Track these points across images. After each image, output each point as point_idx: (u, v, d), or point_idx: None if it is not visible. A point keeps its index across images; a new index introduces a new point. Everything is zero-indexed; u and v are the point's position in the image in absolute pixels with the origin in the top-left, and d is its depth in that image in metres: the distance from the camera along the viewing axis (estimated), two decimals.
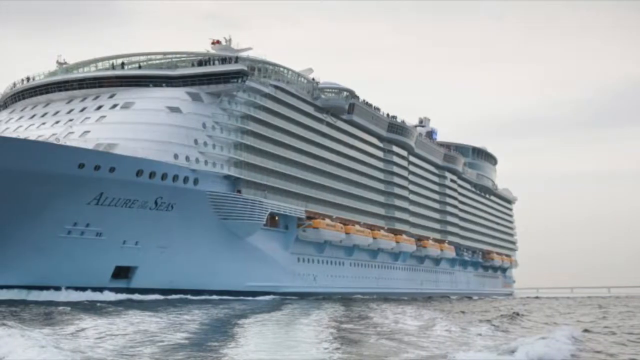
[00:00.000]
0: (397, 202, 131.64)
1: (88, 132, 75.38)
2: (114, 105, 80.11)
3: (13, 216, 65.55)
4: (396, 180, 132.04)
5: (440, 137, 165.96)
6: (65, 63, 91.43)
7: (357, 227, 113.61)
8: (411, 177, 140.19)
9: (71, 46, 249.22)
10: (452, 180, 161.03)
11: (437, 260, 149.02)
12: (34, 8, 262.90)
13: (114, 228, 72.20)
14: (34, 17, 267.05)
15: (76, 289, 68.20)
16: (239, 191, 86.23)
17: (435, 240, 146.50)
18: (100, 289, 70.19)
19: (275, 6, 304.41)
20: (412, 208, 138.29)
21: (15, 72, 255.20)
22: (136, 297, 72.03)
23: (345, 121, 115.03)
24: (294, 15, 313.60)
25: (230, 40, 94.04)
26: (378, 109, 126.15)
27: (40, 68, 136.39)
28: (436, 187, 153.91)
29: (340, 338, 32.94)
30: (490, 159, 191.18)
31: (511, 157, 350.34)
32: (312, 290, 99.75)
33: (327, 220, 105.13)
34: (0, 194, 64.04)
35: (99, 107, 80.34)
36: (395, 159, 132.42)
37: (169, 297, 74.45)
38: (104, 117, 78.34)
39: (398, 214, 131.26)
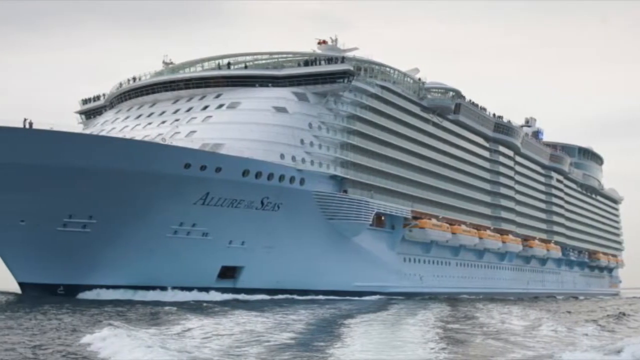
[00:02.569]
0: (504, 202, 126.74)
1: (194, 132, 72.99)
2: (220, 105, 77.42)
3: (120, 216, 63.43)
4: (502, 180, 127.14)
5: (546, 137, 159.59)
6: (171, 63, 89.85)
7: (464, 227, 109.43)
8: (517, 177, 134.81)
9: (177, 46, 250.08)
10: (558, 181, 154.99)
11: (543, 260, 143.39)
12: (141, 8, 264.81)
13: (220, 228, 69.62)
14: (140, 17, 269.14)
15: (182, 289, 66.00)
16: (345, 191, 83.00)
17: (542, 240, 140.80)
18: (207, 289, 67.94)
19: (381, 6, 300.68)
20: (518, 208, 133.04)
21: (121, 72, 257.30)
22: (242, 297, 69.44)
23: (452, 121, 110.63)
24: (400, 15, 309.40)
25: (336, 40, 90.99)
26: (484, 109, 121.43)
27: (147, 68, 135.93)
28: (542, 187, 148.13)
29: (447, 338, 32.57)
30: (597, 158, 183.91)
31: (617, 156, 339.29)
32: (419, 290, 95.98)
33: (434, 220, 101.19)
34: (108, 194, 61.94)
35: (205, 107, 77.77)
36: (502, 159, 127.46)
37: (275, 297, 71.85)
38: (210, 117, 75.81)
39: (504, 214, 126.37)
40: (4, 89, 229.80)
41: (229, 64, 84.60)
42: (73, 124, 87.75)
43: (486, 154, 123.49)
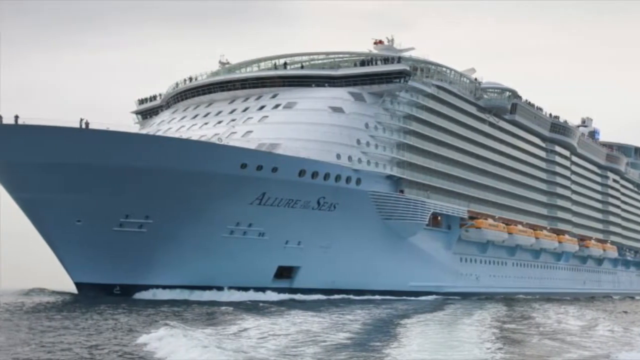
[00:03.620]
0: (560, 202, 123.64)
1: (250, 132, 71.42)
2: (277, 105, 75.78)
3: (177, 216, 61.99)
4: (558, 180, 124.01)
5: (602, 137, 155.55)
6: (227, 63, 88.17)
7: (520, 227, 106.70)
8: (573, 177, 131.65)
9: (233, 46, 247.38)
10: (614, 181, 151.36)
11: (599, 260, 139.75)
12: (197, 8, 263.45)
13: (277, 228, 68.02)
14: (197, 17, 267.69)
15: (238, 289, 64.60)
16: (401, 191, 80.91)
17: (598, 240, 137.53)
18: (263, 289, 66.42)
19: (438, 6, 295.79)
20: (574, 208, 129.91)
21: (178, 72, 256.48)
22: (298, 297, 68.05)
23: (508, 121, 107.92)
24: (456, 15, 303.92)
25: (392, 40, 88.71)
26: (540, 109, 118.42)
27: (203, 68, 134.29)
28: (598, 187, 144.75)
29: (503, 338, 32.20)
30: None
31: None
32: (475, 290, 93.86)
33: (490, 220, 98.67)
34: (164, 195, 60.54)
35: (262, 107, 76.15)
36: (558, 159, 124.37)
37: (331, 297, 70.33)
38: (266, 117, 74.23)
39: (560, 214, 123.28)
40: (62, 88, 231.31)
41: (285, 64, 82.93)
42: (129, 124, 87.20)
43: (542, 154, 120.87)
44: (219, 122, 75.47)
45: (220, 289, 63.78)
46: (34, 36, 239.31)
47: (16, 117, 56.62)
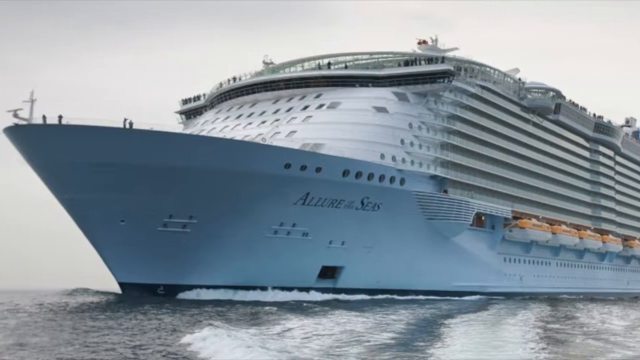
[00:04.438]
0: (604, 202, 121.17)
1: (294, 132, 70.00)
2: (321, 105, 74.35)
3: (220, 216, 60.84)
4: (602, 180, 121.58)
5: None
6: (271, 63, 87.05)
7: (564, 227, 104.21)
8: (617, 177, 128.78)
9: (277, 46, 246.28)
10: None
11: None
12: (241, 9, 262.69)
13: (320, 228, 66.71)
14: (241, 17, 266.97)
15: (282, 289, 63.55)
16: (445, 191, 79.25)
17: None
18: (307, 289, 65.44)
19: (482, 6, 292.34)
20: (618, 208, 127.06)
21: (221, 72, 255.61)
22: (342, 297, 66.84)
23: (552, 121, 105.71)
24: (500, 15, 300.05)
25: (436, 40, 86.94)
26: (584, 109, 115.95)
27: (247, 68, 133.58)
28: None
29: (547, 338, 31.49)
30: None
31: None
32: (518, 290, 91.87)
33: (534, 220, 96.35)
34: (208, 195, 59.45)
35: (306, 107, 74.74)
36: (602, 159, 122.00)
37: (375, 297, 69.23)
38: (310, 117, 72.74)
39: (604, 214, 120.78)
40: (104, 89, 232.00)
41: (329, 64, 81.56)
42: (173, 124, 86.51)
43: (586, 154, 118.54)
44: (263, 122, 74.31)
45: (264, 289, 62.84)
46: (75, 37, 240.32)
47: (60, 117, 55.75)
